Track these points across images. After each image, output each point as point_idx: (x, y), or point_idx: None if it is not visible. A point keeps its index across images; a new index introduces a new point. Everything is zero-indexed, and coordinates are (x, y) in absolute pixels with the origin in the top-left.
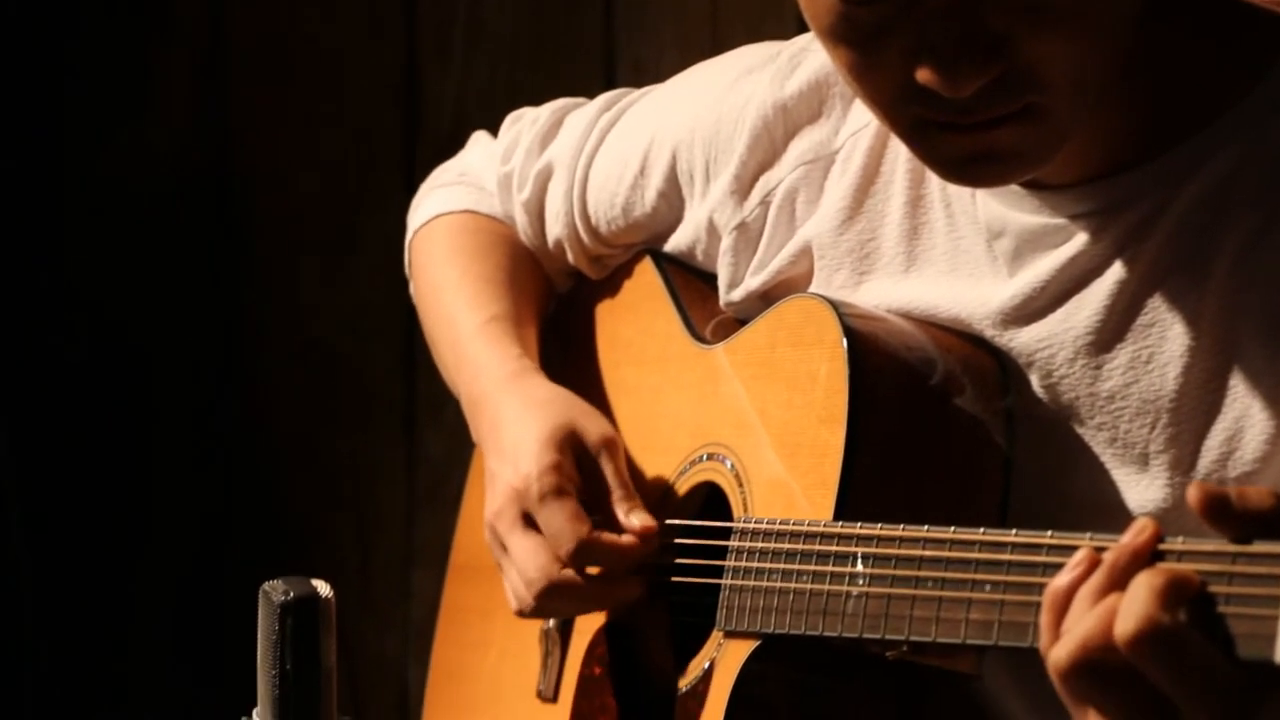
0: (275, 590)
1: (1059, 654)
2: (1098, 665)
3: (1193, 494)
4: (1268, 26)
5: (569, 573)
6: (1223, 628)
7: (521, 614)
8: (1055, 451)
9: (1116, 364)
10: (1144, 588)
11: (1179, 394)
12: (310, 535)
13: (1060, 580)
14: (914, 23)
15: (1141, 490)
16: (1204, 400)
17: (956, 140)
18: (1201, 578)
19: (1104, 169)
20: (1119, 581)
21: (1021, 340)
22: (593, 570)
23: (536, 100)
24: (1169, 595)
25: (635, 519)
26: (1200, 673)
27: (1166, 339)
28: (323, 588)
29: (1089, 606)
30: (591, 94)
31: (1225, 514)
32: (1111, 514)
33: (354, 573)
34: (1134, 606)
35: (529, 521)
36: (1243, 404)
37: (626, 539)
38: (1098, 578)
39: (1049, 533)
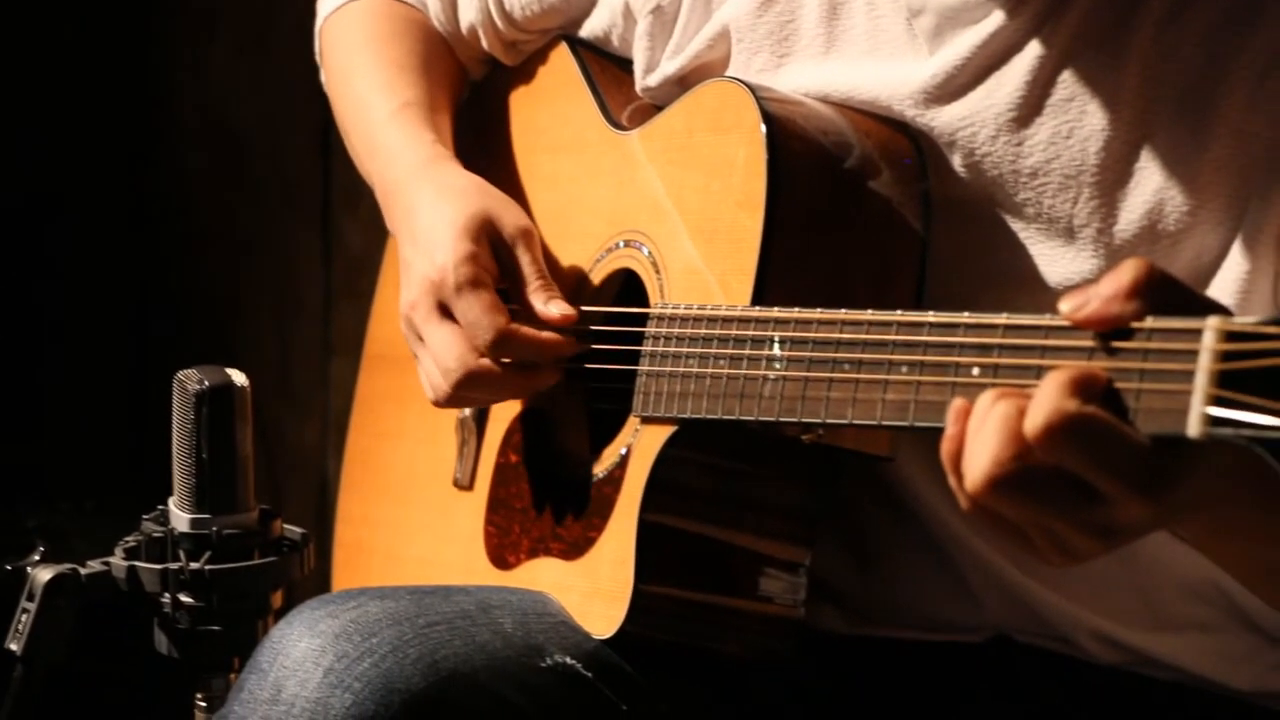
0: (190, 379)
1: (973, 477)
2: (1011, 476)
3: (1120, 275)
4: None
5: (487, 362)
6: (1136, 405)
7: (438, 404)
8: (978, 230)
9: (1038, 140)
10: (1050, 382)
11: (1100, 168)
12: (228, 325)
13: (950, 432)
14: None
15: (1067, 263)
16: (1125, 173)
17: None
18: (1110, 374)
19: None
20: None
21: (943, 119)
22: (510, 360)
23: None
24: (1076, 386)
25: (554, 308)
26: (1116, 450)
27: (1086, 113)
28: (238, 376)
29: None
30: None
31: (1128, 293)
32: (1035, 289)
33: (272, 363)
34: (1041, 401)
35: (445, 312)
36: (1163, 176)
37: (545, 332)
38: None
39: (966, 313)
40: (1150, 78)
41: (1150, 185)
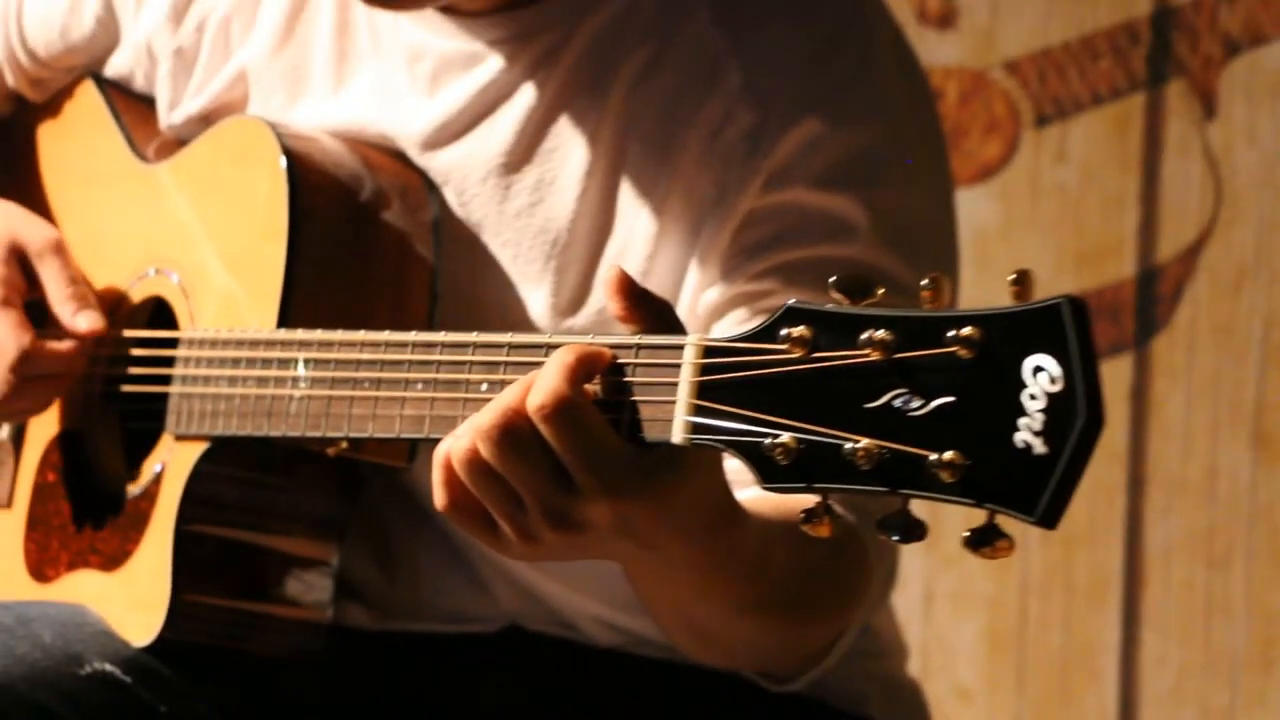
0: None
1: (482, 419)
2: (514, 430)
3: (613, 274)
4: None
5: (15, 382)
6: (629, 413)
7: None
8: (469, 267)
9: (523, 185)
10: (556, 363)
11: (577, 214)
12: None
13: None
14: None
15: (542, 304)
16: (599, 218)
17: None
18: (614, 353)
19: None
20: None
21: (439, 161)
22: (40, 376)
23: None
24: (577, 371)
25: (82, 320)
26: (595, 446)
27: (568, 162)
28: None
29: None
30: None
31: (637, 299)
32: (519, 326)
33: None
34: (544, 380)
35: None
36: (631, 220)
37: (67, 344)
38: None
39: (475, 333)
40: (625, 127)
41: (621, 229)
